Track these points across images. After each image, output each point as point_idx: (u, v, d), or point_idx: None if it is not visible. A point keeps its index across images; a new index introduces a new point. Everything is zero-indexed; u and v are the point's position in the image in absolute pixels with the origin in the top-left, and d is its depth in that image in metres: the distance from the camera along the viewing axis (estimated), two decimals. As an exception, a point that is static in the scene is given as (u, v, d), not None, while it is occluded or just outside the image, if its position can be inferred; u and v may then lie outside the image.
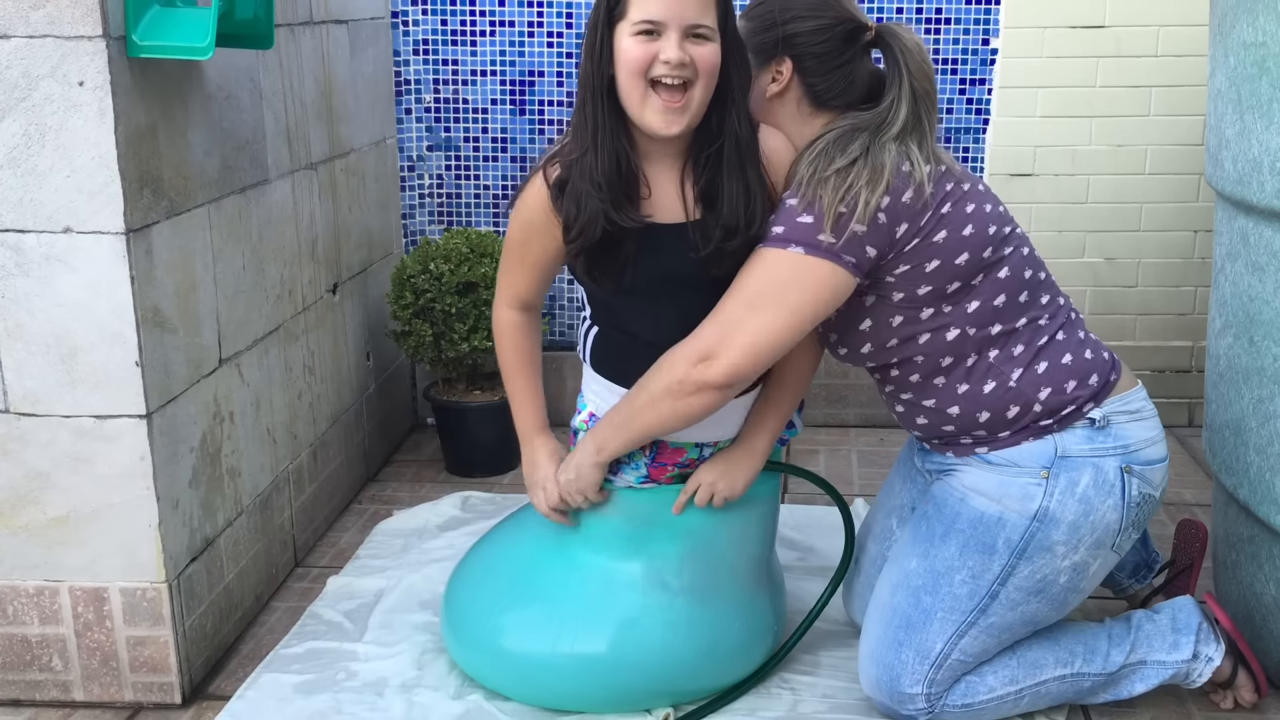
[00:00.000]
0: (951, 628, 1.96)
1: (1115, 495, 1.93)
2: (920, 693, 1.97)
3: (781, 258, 1.84)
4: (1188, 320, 3.50)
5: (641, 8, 1.79)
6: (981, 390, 1.96)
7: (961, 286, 1.92)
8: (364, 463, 3.16)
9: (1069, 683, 2.04)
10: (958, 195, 1.92)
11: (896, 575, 2.03)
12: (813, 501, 3.01)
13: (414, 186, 3.48)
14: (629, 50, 1.80)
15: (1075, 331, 2.01)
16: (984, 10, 3.31)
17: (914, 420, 2.07)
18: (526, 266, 2.04)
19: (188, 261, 2.13)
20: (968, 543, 1.96)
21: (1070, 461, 1.93)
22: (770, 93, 1.97)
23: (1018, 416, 1.95)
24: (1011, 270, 1.95)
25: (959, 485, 2.01)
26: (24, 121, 1.88)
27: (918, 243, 1.87)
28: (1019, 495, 1.94)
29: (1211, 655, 2.06)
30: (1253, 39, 2.01)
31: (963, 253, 1.90)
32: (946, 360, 1.96)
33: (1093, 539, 1.94)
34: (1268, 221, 2.04)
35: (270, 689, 2.18)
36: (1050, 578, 1.95)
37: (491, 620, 2.12)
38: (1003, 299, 1.94)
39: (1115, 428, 1.95)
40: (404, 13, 3.35)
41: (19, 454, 2.03)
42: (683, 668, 2.07)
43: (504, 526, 2.31)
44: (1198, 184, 3.38)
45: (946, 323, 1.94)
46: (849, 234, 1.83)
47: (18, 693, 2.16)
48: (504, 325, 2.14)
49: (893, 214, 1.85)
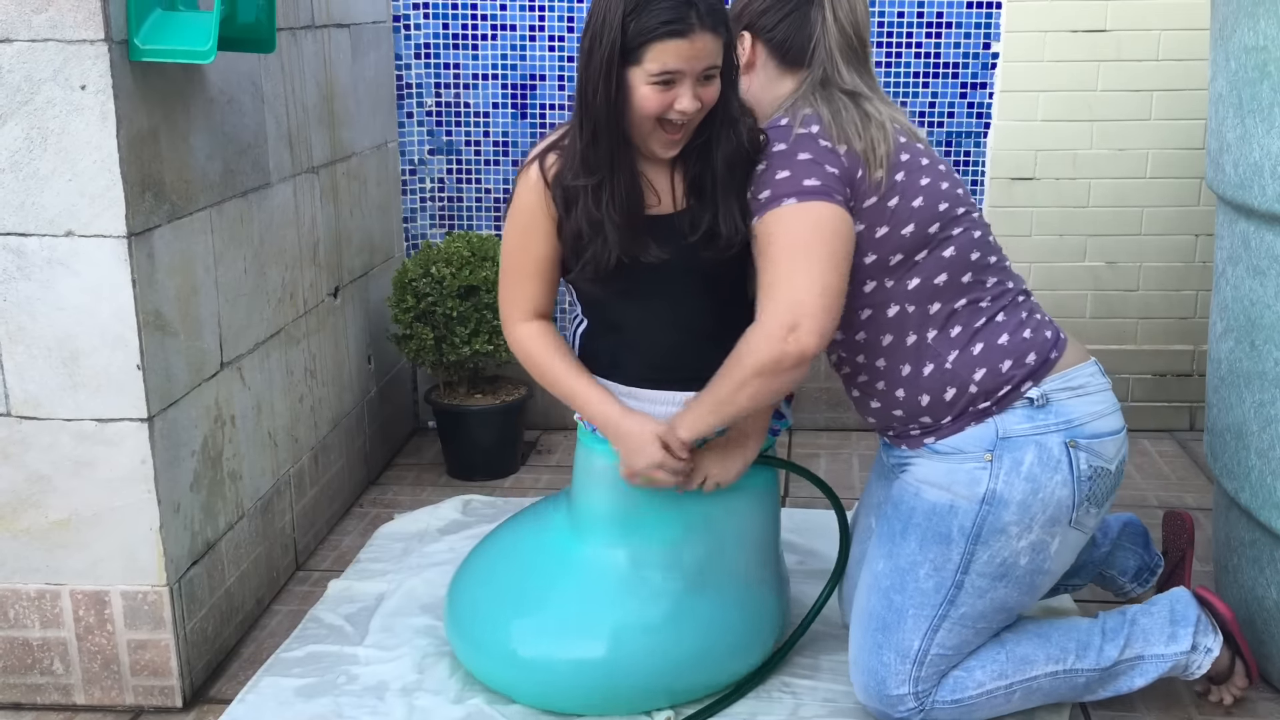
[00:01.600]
0: (925, 623, 1.97)
1: (1063, 471, 1.93)
2: (908, 692, 1.98)
3: (782, 215, 1.86)
4: (1189, 324, 3.50)
5: (659, 60, 1.81)
6: (922, 373, 1.98)
7: (904, 260, 1.94)
8: (365, 466, 3.16)
9: (1062, 679, 2.03)
10: (914, 166, 1.95)
11: (868, 578, 2.05)
12: (813, 505, 3.01)
13: (415, 190, 3.48)
14: (646, 99, 1.84)
15: (1017, 313, 2.01)
16: (985, 14, 3.31)
17: (868, 406, 2.09)
18: (533, 272, 2.02)
19: (189, 265, 2.13)
20: (925, 536, 1.98)
21: (1012, 442, 1.94)
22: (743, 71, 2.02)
23: (955, 399, 1.96)
24: (957, 250, 1.96)
25: (912, 480, 2.03)
26: (26, 125, 1.88)
27: (874, 202, 1.91)
28: (966, 481, 1.95)
29: (1210, 646, 2.06)
30: (1253, 43, 2.01)
31: (910, 223, 1.93)
32: (887, 339, 1.98)
33: (1045, 516, 1.94)
34: (1269, 225, 2.04)
35: (271, 692, 2.18)
36: (1010, 560, 1.96)
37: (500, 620, 2.12)
38: (944, 278, 1.95)
39: (1055, 405, 1.95)
40: (405, 17, 3.35)
41: (20, 457, 2.03)
42: (685, 668, 2.08)
43: (508, 527, 2.31)
44: (1199, 188, 3.38)
45: (887, 299, 1.96)
46: (828, 174, 1.87)
47: (19, 696, 2.16)
48: (529, 338, 2.06)
49: (852, 159, 1.91)
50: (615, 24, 1.80)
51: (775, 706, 2.14)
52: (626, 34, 1.80)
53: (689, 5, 1.78)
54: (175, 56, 1.92)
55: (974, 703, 2.00)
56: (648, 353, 2.04)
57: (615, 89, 1.83)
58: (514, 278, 2.04)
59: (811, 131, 1.92)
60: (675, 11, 1.78)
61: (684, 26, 1.78)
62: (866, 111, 1.96)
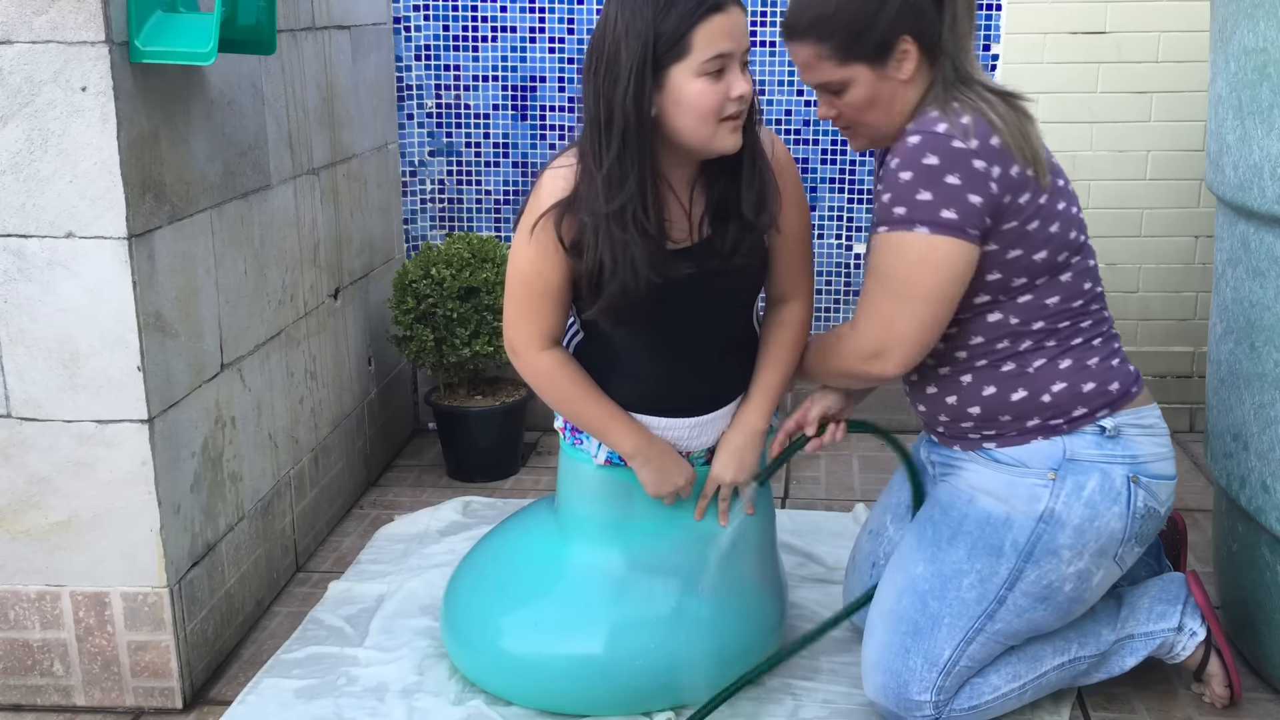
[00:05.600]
0: (960, 634, 1.94)
1: (1121, 503, 1.91)
2: (929, 700, 1.96)
3: (908, 241, 1.81)
4: (1189, 326, 3.50)
5: (710, 43, 1.74)
6: (998, 368, 1.94)
7: (1027, 283, 1.89)
8: (365, 468, 3.16)
9: (1066, 669, 2.04)
10: (1055, 188, 1.88)
11: (902, 580, 2.00)
12: (814, 506, 3.01)
13: (416, 192, 3.48)
14: (701, 95, 1.75)
15: (1110, 343, 1.98)
16: (985, 16, 3.31)
17: (923, 392, 2.03)
18: (549, 299, 1.94)
19: (190, 266, 2.14)
20: (975, 544, 1.95)
21: (1078, 465, 1.91)
22: (904, 77, 1.86)
23: (1022, 403, 1.92)
24: (1074, 276, 1.91)
25: (965, 485, 1.99)
26: (27, 127, 1.88)
27: (1014, 225, 1.83)
28: (1026, 496, 1.92)
29: (1195, 630, 2.07)
30: (1253, 44, 2.01)
31: (1043, 249, 1.87)
32: (977, 339, 1.94)
33: (1097, 546, 1.92)
34: (1269, 227, 2.04)
35: (271, 694, 2.18)
36: (1056, 584, 1.94)
37: (491, 622, 2.13)
38: (1056, 300, 1.91)
39: (1125, 439, 1.93)
40: (406, 18, 3.35)
41: (21, 459, 2.03)
42: (676, 670, 2.07)
43: (503, 529, 2.31)
44: (1199, 189, 3.39)
45: (993, 308, 1.91)
46: (969, 206, 1.78)
47: (19, 697, 2.16)
48: (548, 368, 1.99)
49: (1004, 184, 1.81)
50: (643, 29, 1.72)
51: (775, 708, 2.14)
52: (661, 32, 1.72)
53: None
54: (176, 58, 1.92)
55: (989, 707, 2.00)
56: (643, 380, 2.03)
57: (650, 99, 1.75)
58: (529, 307, 1.95)
59: (970, 147, 1.78)
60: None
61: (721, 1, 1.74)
62: (1023, 111, 1.85)
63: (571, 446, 2.14)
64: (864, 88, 1.86)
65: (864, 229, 3.44)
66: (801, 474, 3.22)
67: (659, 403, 2.04)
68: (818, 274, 3.47)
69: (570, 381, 2.00)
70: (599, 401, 2.00)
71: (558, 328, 1.99)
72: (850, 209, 3.43)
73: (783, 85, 3.33)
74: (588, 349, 2.05)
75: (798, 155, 3.38)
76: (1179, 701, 2.16)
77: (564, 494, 2.18)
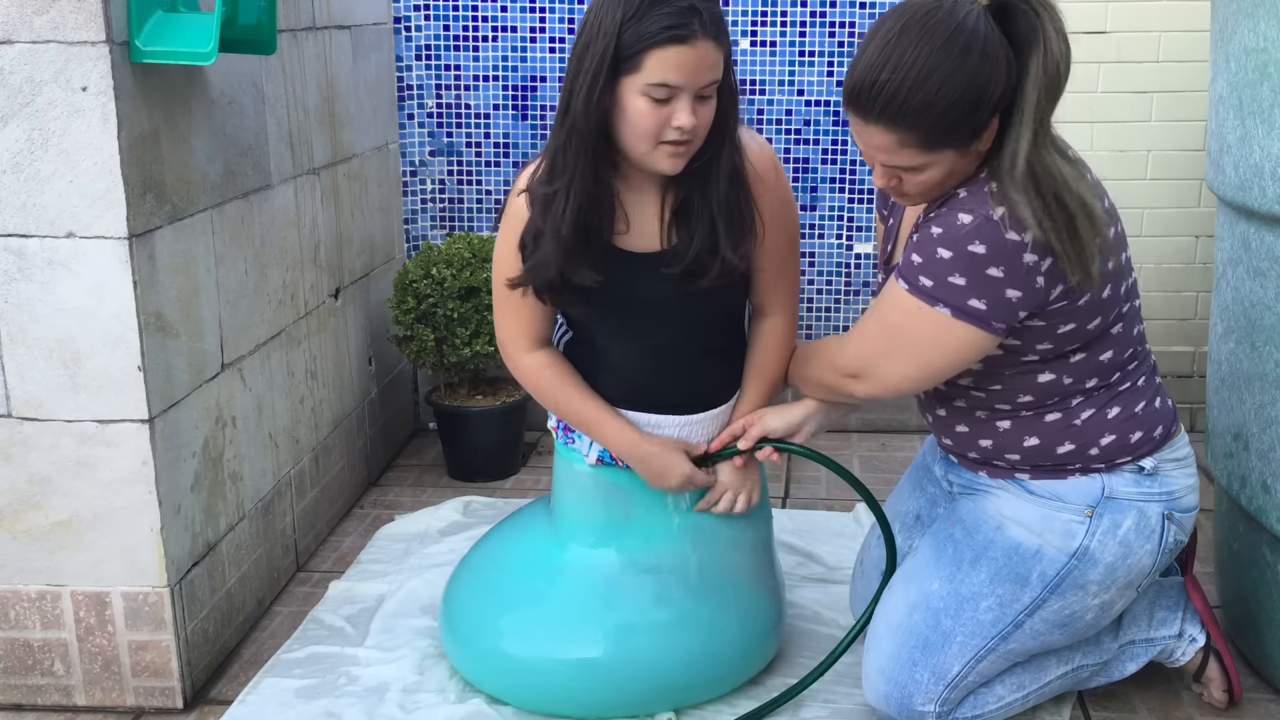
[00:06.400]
0: (971, 652, 1.92)
1: (1154, 541, 1.88)
2: (932, 711, 1.94)
3: (925, 313, 1.74)
4: (1189, 325, 3.50)
5: (660, 70, 1.71)
6: (1043, 419, 1.88)
7: (1080, 347, 1.83)
8: (366, 467, 3.16)
9: (1069, 677, 2.04)
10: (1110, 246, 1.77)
11: (915, 594, 1.97)
12: (814, 506, 3.01)
13: (416, 191, 3.48)
14: (641, 115, 1.74)
15: (1154, 379, 1.94)
16: (985, 16, 3.31)
17: (953, 429, 1.98)
18: (528, 298, 1.95)
19: (190, 266, 2.14)
20: (999, 571, 1.91)
21: (1116, 504, 1.88)
22: (984, 148, 1.73)
23: (1069, 455, 1.89)
24: (1125, 327, 1.86)
25: (995, 512, 1.95)
26: (27, 127, 1.88)
27: (1064, 304, 1.76)
28: (1061, 531, 1.88)
29: (1195, 635, 2.07)
30: (1254, 44, 2.01)
31: (1097, 317, 1.80)
32: (1025, 397, 1.88)
33: (1125, 581, 1.90)
34: (1269, 227, 2.04)
35: (272, 694, 2.18)
36: (1077, 614, 1.92)
37: (490, 624, 2.12)
38: (1109, 355, 1.86)
39: (1163, 476, 1.90)
40: (406, 18, 3.36)
41: (21, 459, 2.03)
42: (672, 671, 2.07)
43: (499, 530, 2.31)
44: (1199, 189, 3.39)
45: (1044, 369, 1.85)
46: (1004, 300, 1.71)
47: (19, 697, 2.16)
48: (536, 369, 2.01)
49: (1051, 276, 1.71)
50: (611, 31, 1.71)
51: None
52: (623, 41, 1.71)
53: (692, 12, 1.70)
54: (176, 58, 1.92)
55: (991, 715, 1.99)
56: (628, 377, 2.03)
57: (599, 97, 1.74)
58: (513, 307, 1.98)
59: (1024, 240, 1.67)
60: (678, 17, 1.70)
61: (687, 32, 1.70)
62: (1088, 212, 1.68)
63: (564, 446, 2.14)
64: (943, 168, 1.73)
65: (864, 229, 3.44)
66: (801, 474, 3.22)
67: (646, 400, 2.04)
68: (818, 274, 3.47)
69: (559, 380, 2.01)
70: (587, 400, 2.02)
71: (543, 327, 2.01)
72: (850, 209, 3.43)
73: (783, 85, 3.33)
74: (575, 347, 2.07)
75: (797, 155, 3.38)
76: (1179, 701, 2.16)
77: (558, 493, 2.19)
